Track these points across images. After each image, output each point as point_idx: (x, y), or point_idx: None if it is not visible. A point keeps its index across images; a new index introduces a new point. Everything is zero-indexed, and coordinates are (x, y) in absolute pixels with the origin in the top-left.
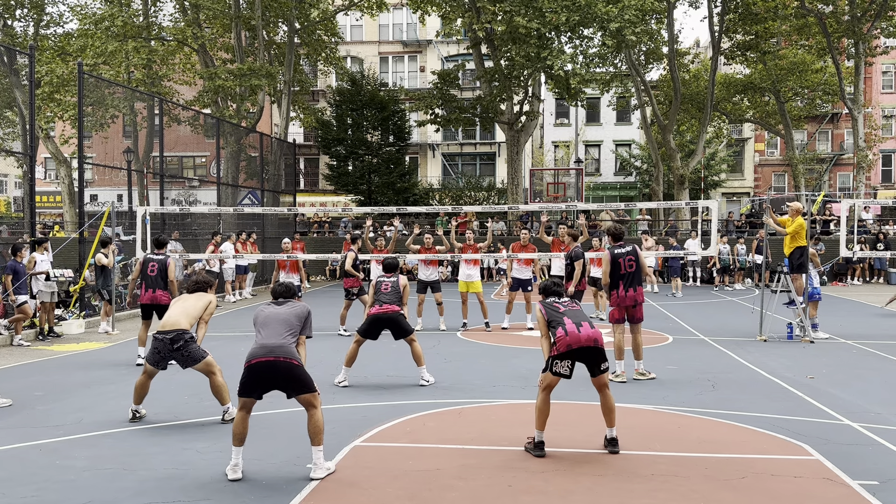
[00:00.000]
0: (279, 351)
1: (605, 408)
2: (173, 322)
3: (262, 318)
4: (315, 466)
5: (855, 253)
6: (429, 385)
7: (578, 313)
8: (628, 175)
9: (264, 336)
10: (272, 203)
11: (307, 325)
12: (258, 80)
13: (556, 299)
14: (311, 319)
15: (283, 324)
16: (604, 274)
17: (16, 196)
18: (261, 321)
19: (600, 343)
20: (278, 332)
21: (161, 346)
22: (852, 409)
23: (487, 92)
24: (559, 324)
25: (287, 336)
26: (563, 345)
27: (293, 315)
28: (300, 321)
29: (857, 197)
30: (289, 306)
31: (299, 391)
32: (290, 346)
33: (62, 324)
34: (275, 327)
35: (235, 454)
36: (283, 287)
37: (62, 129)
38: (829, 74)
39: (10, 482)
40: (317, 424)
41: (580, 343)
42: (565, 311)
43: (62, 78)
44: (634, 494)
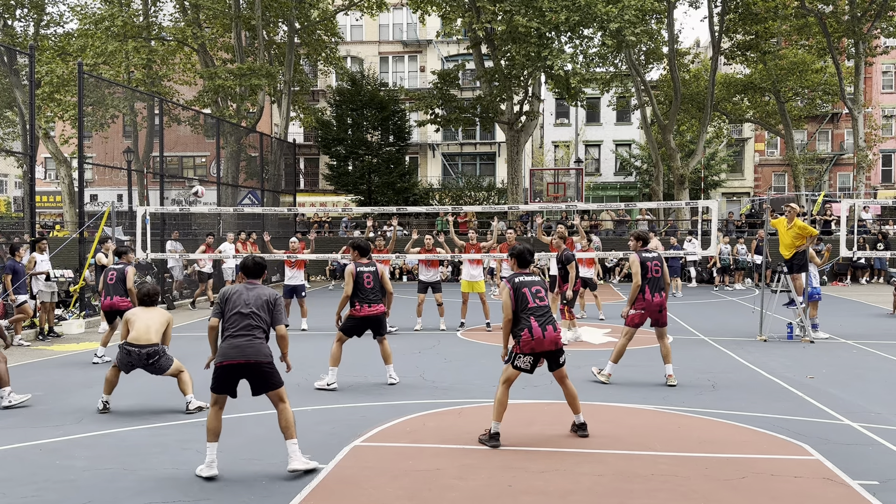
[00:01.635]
0: (251, 352)
1: (569, 396)
2: (147, 338)
3: (231, 303)
4: (292, 459)
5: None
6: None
7: (545, 310)
8: (628, 175)
9: (235, 331)
10: (272, 203)
11: (279, 313)
12: (258, 80)
13: (526, 278)
14: (282, 305)
15: (253, 317)
16: (635, 276)
17: (16, 196)
18: (230, 308)
19: (560, 344)
20: (249, 328)
21: (135, 358)
22: (852, 409)
23: (487, 92)
24: (526, 324)
25: (258, 333)
26: (526, 347)
27: (263, 305)
28: (270, 311)
29: (857, 197)
30: (258, 292)
31: (268, 389)
32: (262, 343)
33: (62, 324)
34: (246, 321)
35: (211, 451)
36: (253, 261)
37: (62, 129)
38: (829, 74)
39: (10, 482)
40: (288, 418)
41: (543, 347)
42: (534, 308)
43: (62, 78)
44: (634, 494)
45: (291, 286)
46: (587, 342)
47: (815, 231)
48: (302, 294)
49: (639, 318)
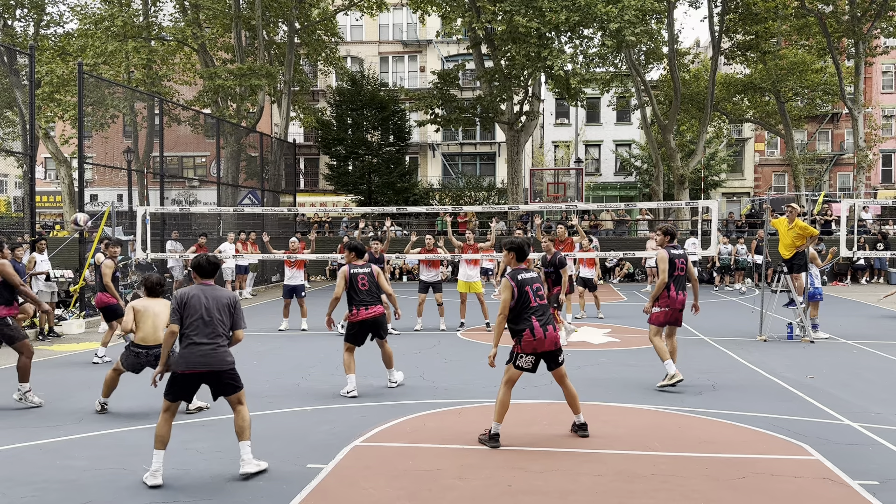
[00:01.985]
0: (215, 361)
1: (568, 396)
2: (155, 337)
3: (191, 308)
4: (244, 462)
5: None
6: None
7: (545, 309)
8: (628, 175)
9: (199, 338)
10: (272, 203)
11: (239, 316)
12: (258, 80)
13: (527, 275)
14: (241, 307)
15: (217, 323)
16: (662, 272)
17: (16, 196)
18: (189, 313)
19: (558, 345)
20: (213, 335)
21: (144, 359)
22: (852, 409)
23: (487, 92)
24: (528, 324)
25: (222, 340)
26: (528, 347)
27: (224, 309)
28: (230, 315)
29: (857, 197)
30: (217, 295)
31: (229, 393)
32: (225, 350)
33: (62, 324)
34: (209, 328)
35: (157, 458)
36: (207, 261)
37: (62, 129)
38: (829, 74)
39: (10, 482)
40: (244, 420)
41: (544, 348)
42: (535, 308)
43: (62, 78)
44: (634, 494)
45: (291, 286)
46: (587, 342)
47: (816, 231)
48: (301, 294)
49: (664, 316)
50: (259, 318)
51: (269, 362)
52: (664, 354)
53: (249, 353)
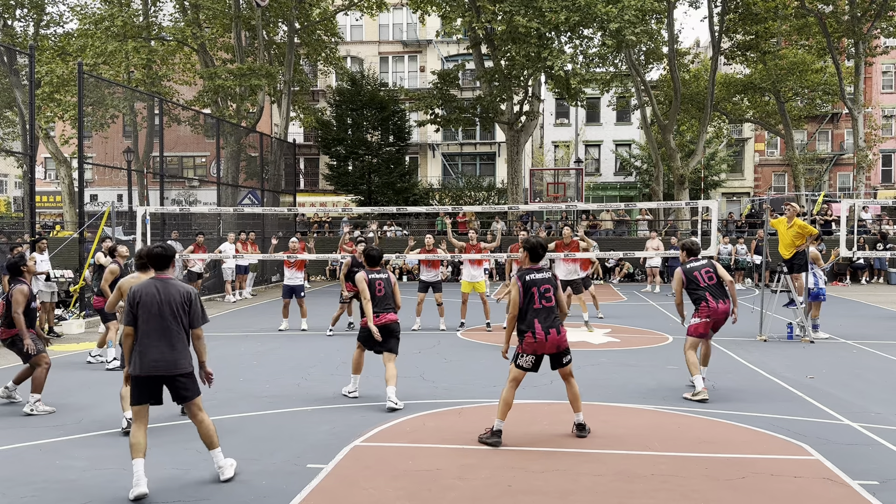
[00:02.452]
0: (169, 364)
1: (571, 395)
2: None
3: (144, 306)
4: (221, 469)
5: (855, 253)
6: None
7: (551, 312)
8: (628, 175)
9: (152, 340)
10: (272, 203)
11: (196, 313)
12: (258, 80)
13: (537, 275)
14: (201, 302)
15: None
16: (676, 293)
17: (16, 196)
18: (143, 311)
19: (563, 346)
20: (170, 335)
21: None
22: (852, 409)
23: (487, 92)
24: (530, 325)
25: (178, 340)
26: (529, 348)
27: (178, 306)
28: (186, 312)
29: (857, 197)
30: (172, 290)
31: (184, 400)
32: (182, 351)
33: (62, 324)
34: (164, 328)
35: (136, 467)
36: (160, 250)
37: (62, 129)
38: (829, 74)
39: (10, 482)
40: (207, 428)
41: (544, 350)
42: (539, 310)
43: (62, 78)
44: (634, 494)
45: (290, 286)
46: (587, 342)
47: (816, 230)
48: (301, 294)
49: (703, 327)
50: (259, 318)
51: (269, 362)
52: (694, 369)
53: (249, 353)
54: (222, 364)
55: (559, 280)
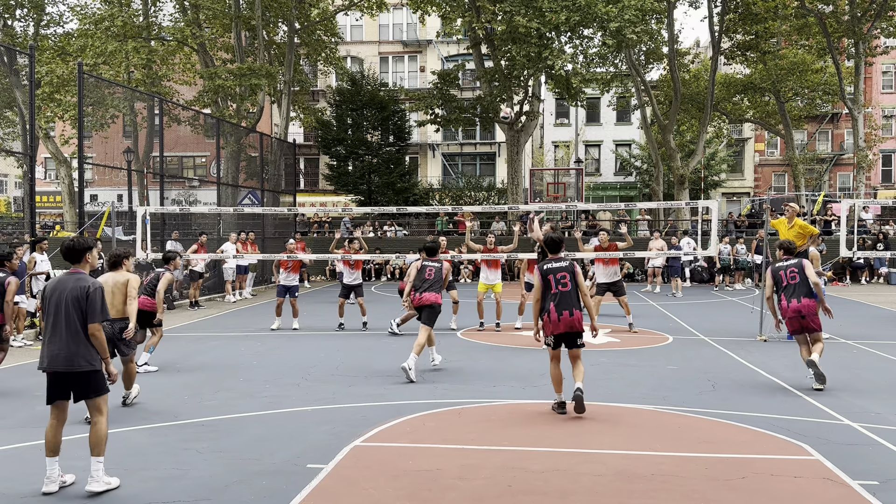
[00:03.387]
0: (62, 361)
1: (576, 371)
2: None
3: (51, 300)
4: (92, 479)
5: (855, 253)
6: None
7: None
8: (628, 175)
9: (53, 333)
10: (272, 203)
11: (92, 307)
12: (258, 80)
13: (554, 264)
14: (101, 298)
15: (66, 315)
16: (766, 288)
17: (16, 196)
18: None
19: (577, 327)
20: (67, 328)
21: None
22: (852, 409)
23: (487, 92)
24: (546, 308)
25: (73, 334)
26: (546, 328)
27: (74, 301)
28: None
29: (857, 197)
30: (74, 284)
31: (89, 396)
32: (83, 346)
33: None
34: (63, 321)
35: (50, 465)
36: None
37: (62, 129)
38: (829, 74)
39: (10, 482)
40: (99, 432)
41: (559, 330)
42: (554, 294)
43: (62, 78)
44: (634, 494)
45: (286, 286)
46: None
47: (816, 230)
48: (294, 294)
49: (789, 325)
50: (259, 318)
51: (269, 362)
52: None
53: (249, 353)
54: (222, 364)
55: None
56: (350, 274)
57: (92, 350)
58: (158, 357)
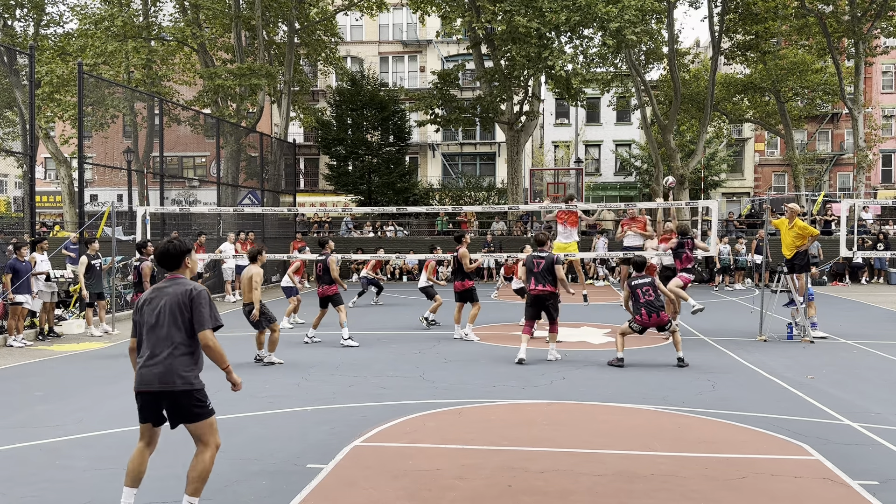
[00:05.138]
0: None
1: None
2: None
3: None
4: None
5: (855, 253)
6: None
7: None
8: (628, 175)
9: (146, 347)
10: (272, 203)
11: (199, 312)
12: (258, 79)
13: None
14: (208, 301)
15: (164, 325)
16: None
17: (16, 196)
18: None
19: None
20: (162, 340)
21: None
22: (852, 409)
23: (487, 92)
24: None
25: (171, 347)
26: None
27: (177, 307)
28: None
29: (857, 197)
30: (174, 290)
31: (188, 420)
32: (180, 362)
33: (62, 324)
34: (158, 332)
35: (126, 496)
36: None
37: (62, 129)
38: (829, 74)
39: (10, 482)
40: (199, 467)
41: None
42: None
43: (62, 78)
44: (634, 494)
45: (288, 287)
46: (587, 342)
47: (816, 231)
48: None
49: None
50: None
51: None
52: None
53: (250, 353)
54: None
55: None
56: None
57: (191, 366)
58: None
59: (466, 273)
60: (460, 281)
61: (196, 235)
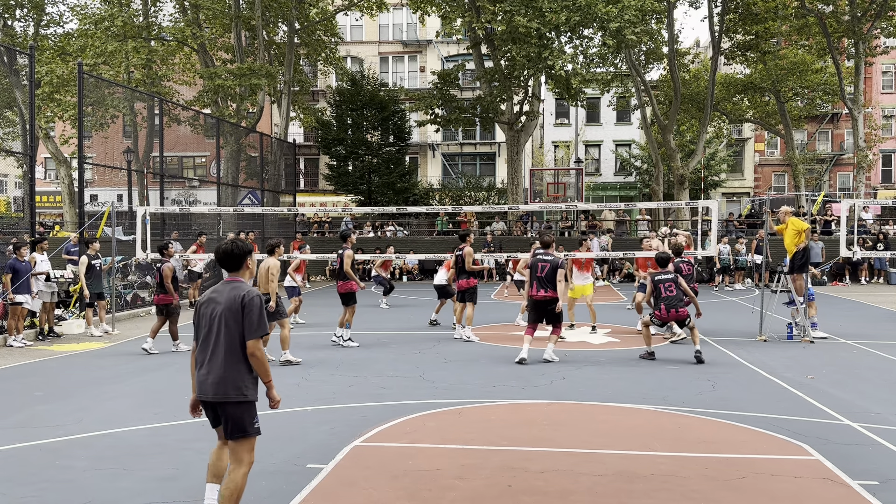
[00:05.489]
0: (217, 387)
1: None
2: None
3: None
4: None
5: (855, 253)
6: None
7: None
8: (628, 175)
9: (204, 353)
10: (272, 203)
11: (251, 322)
12: (258, 79)
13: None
14: (260, 309)
15: (218, 332)
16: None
17: (16, 196)
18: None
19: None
20: (216, 348)
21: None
22: (852, 409)
23: (487, 92)
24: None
25: (232, 357)
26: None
27: (231, 314)
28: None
29: (857, 197)
30: (231, 294)
31: (233, 436)
32: (235, 371)
33: (62, 324)
34: (213, 339)
35: (209, 491)
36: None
37: (62, 129)
38: (829, 74)
39: (10, 482)
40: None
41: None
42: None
43: (62, 78)
44: (634, 494)
45: (290, 287)
46: (587, 342)
47: (806, 225)
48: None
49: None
50: None
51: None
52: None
53: None
54: None
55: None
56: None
57: (246, 376)
58: (157, 358)
59: (470, 272)
60: (465, 280)
61: (196, 235)
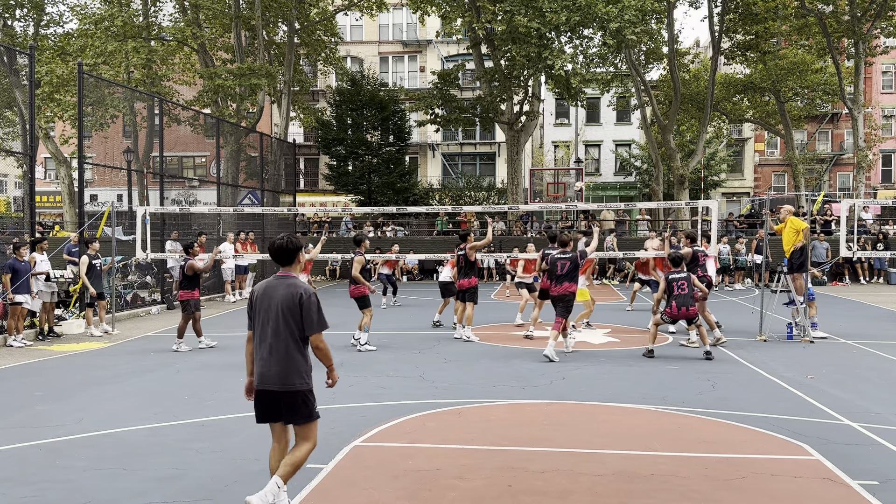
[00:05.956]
0: (274, 377)
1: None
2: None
3: (256, 307)
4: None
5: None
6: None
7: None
8: (628, 175)
9: (263, 344)
10: (272, 203)
11: (309, 315)
12: (258, 79)
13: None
14: (318, 306)
15: (279, 324)
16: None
17: (16, 196)
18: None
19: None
20: (278, 340)
21: None
22: (852, 409)
23: (487, 92)
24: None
25: (287, 347)
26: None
27: (287, 309)
28: (298, 316)
29: (857, 197)
30: (287, 289)
31: (297, 421)
32: (295, 361)
33: (62, 324)
34: (270, 333)
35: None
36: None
37: (62, 129)
38: (829, 74)
39: (10, 482)
40: (296, 457)
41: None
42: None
43: (62, 78)
44: (634, 494)
45: None
46: (587, 342)
47: (805, 224)
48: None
49: None
50: None
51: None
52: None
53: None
54: (222, 364)
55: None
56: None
57: (305, 365)
58: (157, 358)
59: (472, 271)
60: (466, 279)
61: (196, 235)
